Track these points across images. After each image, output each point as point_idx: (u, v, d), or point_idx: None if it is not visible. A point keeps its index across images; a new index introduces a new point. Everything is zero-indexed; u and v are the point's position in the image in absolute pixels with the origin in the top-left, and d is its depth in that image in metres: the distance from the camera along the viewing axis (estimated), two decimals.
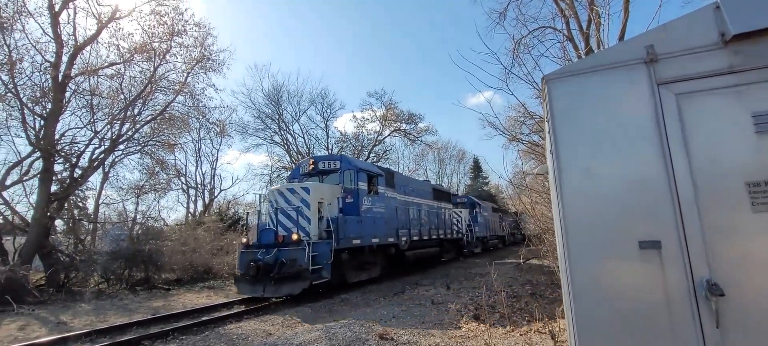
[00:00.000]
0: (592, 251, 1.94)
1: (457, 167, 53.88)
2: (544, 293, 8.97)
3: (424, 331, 5.80)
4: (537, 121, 8.84)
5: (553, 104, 2.08)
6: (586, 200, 2.00)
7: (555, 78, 2.12)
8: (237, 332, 6.29)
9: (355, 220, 10.65)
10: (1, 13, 12.30)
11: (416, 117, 32.16)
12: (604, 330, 1.87)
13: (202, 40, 16.61)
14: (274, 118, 29.09)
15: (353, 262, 10.61)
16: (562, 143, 2.06)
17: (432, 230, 16.08)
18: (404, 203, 14.02)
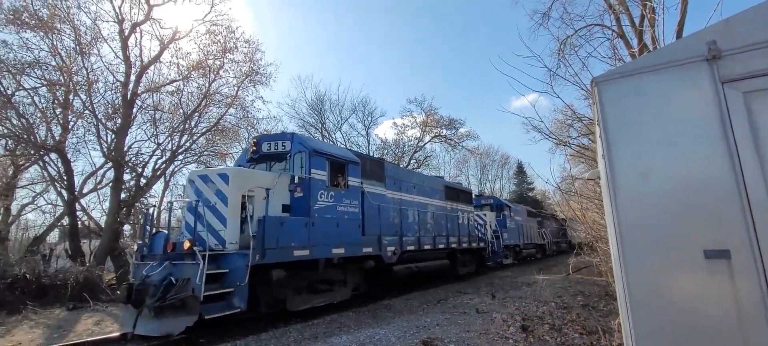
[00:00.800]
0: (650, 260, 1.84)
1: (500, 173, 52.43)
2: (597, 304, 8.48)
3: (469, 340, 5.70)
4: (586, 123, 8.43)
5: (604, 107, 2.02)
6: (643, 206, 1.91)
7: (605, 80, 2.06)
8: (275, 334, 6.53)
9: (301, 222, 7.67)
10: (82, 40, 13.80)
11: (457, 122, 31.82)
12: (665, 345, 1.77)
13: (251, 56, 17.60)
14: (317, 127, 29.99)
15: (299, 282, 7.83)
16: (615, 147, 1.99)
17: (439, 238, 12.94)
18: (397, 201, 11.09)
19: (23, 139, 13.17)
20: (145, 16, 15.40)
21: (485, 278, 15.34)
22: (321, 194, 8.30)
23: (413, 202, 12.14)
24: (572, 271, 13.52)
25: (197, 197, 6.96)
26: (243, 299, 6.29)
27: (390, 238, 10.37)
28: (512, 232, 20.77)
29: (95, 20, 14.65)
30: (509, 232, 20.10)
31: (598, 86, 2.07)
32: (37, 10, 13.21)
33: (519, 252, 21.63)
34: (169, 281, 6.04)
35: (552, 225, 31.09)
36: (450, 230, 13.82)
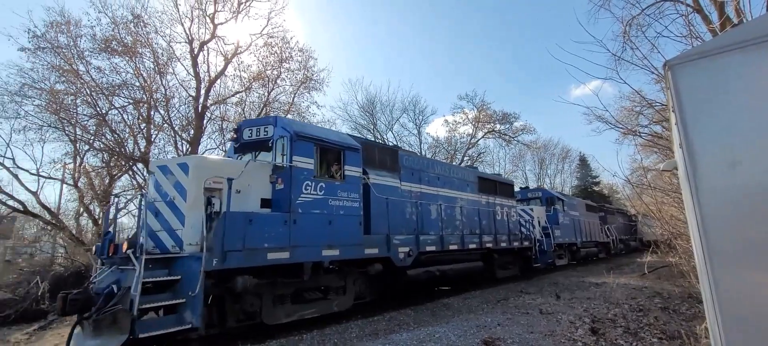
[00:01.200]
0: (741, 261, 1.68)
1: (560, 167, 49.52)
2: (678, 307, 7.75)
3: (533, 341, 5.50)
4: (658, 110, 7.72)
5: (680, 92, 1.87)
6: (731, 201, 1.75)
7: (681, 62, 1.91)
8: (338, 329, 6.77)
9: (277, 219, 6.38)
10: (159, 61, 15.37)
11: (511, 116, 30.66)
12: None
13: (305, 63, 18.41)
14: (369, 128, 30.52)
15: (278, 290, 6.65)
16: (695, 137, 1.84)
17: (470, 236, 11.16)
18: (415, 195, 9.82)
19: (116, 152, 14.97)
20: (211, 34, 16.75)
21: (544, 278, 14.58)
22: (306, 185, 6.89)
23: (437, 195, 10.62)
24: (647, 271, 12.43)
25: (156, 192, 6.10)
26: (195, 312, 5.10)
27: (402, 237, 8.83)
28: (566, 228, 18.15)
29: (170, 42, 16.26)
30: (562, 229, 17.59)
31: (672, 70, 1.93)
32: (123, 37, 14.93)
33: (576, 251, 19.10)
34: (110, 290, 5.14)
35: (618, 221, 28.00)
36: (485, 228, 12.04)
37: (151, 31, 15.64)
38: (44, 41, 13.70)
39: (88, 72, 14.41)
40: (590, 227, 21.56)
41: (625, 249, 27.68)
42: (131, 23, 14.94)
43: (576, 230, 19.30)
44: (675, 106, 1.92)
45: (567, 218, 18.53)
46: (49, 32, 13.84)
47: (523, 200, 17.97)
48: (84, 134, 14.94)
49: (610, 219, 25.65)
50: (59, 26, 13.96)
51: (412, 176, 9.99)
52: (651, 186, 8.61)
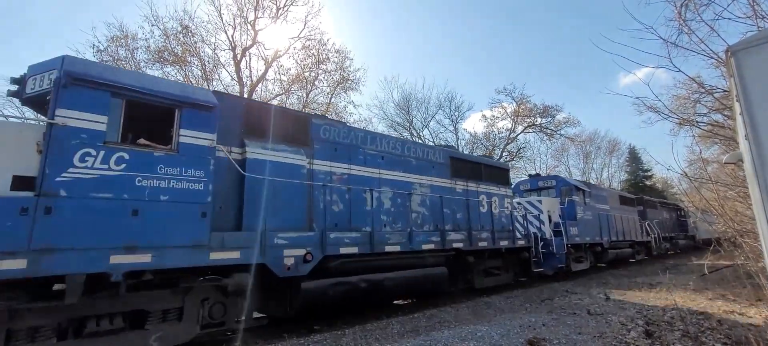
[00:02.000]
0: None
1: (607, 161, 46.93)
2: (745, 311, 7.15)
3: (581, 343, 5.30)
4: (718, 97, 7.14)
5: (745, 80, 1.75)
6: None
7: (745, 47, 1.78)
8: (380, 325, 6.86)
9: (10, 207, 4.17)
10: (206, 68, 16.28)
11: (552, 109, 29.50)
12: None
13: (341, 63, 18.76)
14: (405, 126, 30.53)
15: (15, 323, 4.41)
16: (763, 127, 1.72)
17: (429, 233, 8.70)
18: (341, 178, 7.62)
19: None
20: (253, 40, 17.51)
21: (593, 278, 13.88)
22: (85, 154, 4.52)
23: (378, 179, 8.18)
24: (708, 272, 11.53)
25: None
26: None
27: (292, 235, 6.29)
28: (587, 225, 14.81)
29: (215, 50, 17.17)
30: (582, 225, 14.36)
31: (735, 56, 1.80)
32: (173, 48, 15.96)
33: (602, 253, 15.57)
34: None
35: (663, 216, 24.00)
36: (459, 222, 9.57)
37: (198, 40, 16.61)
38: (107, 55, 14.95)
39: None
40: (624, 224, 18.03)
41: (673, 249, 24.39)
42: (180, 34, 15.93)
43: (602, 227, 15.91)
44: (740, 95, 1.80)
45: (589, 213, 15.19)
46: (110, 46, 15.09)
47: (533, 190, 15.21)
48: None
49: (652, 214, 22.11)
50: (119, 40, 15.18)
51: (335, 152, 7.61)
52: (712, 180, 8.00)
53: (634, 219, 19.48)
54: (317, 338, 6.22)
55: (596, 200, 16.27)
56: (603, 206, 16.75)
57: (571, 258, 13.26)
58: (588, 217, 15.07)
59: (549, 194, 14.74)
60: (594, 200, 15.99)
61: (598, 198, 16.50)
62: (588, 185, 16.66)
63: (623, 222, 17.96)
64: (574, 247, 13.64)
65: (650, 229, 20.71)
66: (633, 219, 19.27)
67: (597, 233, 15.45)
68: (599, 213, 16.02)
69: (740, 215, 6.99)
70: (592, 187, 17.04)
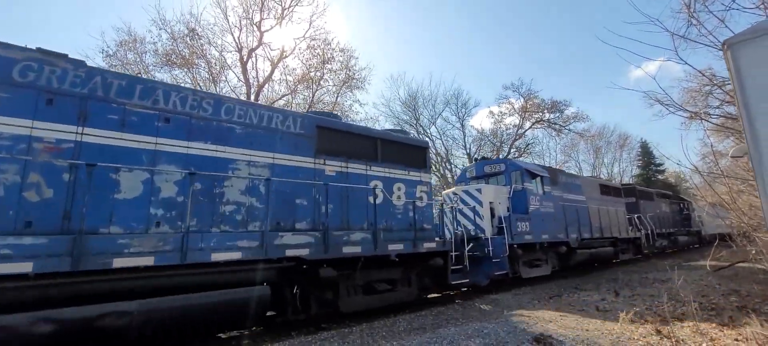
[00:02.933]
0: None
1: (617, 155, 46.29)
2: (759, 306, 7.01)
3: (589, 340, 5.26)
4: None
5: (741, 74, 1.74)
6: None
7: (741, 41, 1.77)
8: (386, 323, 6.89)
9: None
10: (213, 70, 16.46)
11: (560, 104, 29.20)
12: None
13: (346, 63, 18.81)
14: (412, 123, 30.48)
15: None
16: (760, 120, 1.71)
17: (234, 234, 5.79)
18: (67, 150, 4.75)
19: None
20: (258, 41, 17.65)
21: (603, 274, 13.70)
22: None
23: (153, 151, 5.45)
24: (710, 268, 11.32)
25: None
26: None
27: None
28: (546, 219, 11.93)
29: (221, 52, 17.35)
30: (536, 219, 11.49)
31: (731, 49, 1.79)
32: (180, 50, 16.17)
33: (568, 254, 12.64)
34: None
35: (661, 208, 21.20)
36: (321, 218, 6.86)
37: (204, 42, 16.80)
38: (116, 59, 15.21)
39: None
40: (605, 218, 15.14)
41: (672, 247, 21.18)
42: (187, 37, 16.13)
43: (570, 222, 12.94)
44: (737, 89, 1.78)
45: (550, 204, 12.30)
46: (119, 51, 15.35)
47: (480, 178, 12.45)
48: None
49: (647, 206, 19.38)
50: (127, 44, 15.43)
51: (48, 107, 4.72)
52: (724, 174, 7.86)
53: (621, 212, 16.67)
54: (325, 335, 6.28)
55: (565, 188, 13.56)
56: (574, 196, 13.92)
57: (520, 262, 10.78)
58: (547, 209, 12.15)
59: (498, 181, 12.05)
60: (561, 189, 13.31)
61: (567, 187, 13.78)
62: (551, 170, 13.68)
63: (603, 216, 15.10)
64: (525, 247, 10.93)
65: (641, 223, 17.93)
66: (618, 212, 16.43)
67: (561, 229, 12.49)
68: (566, 205, 13.10)
69: (754, 209, 6.87)
70: (560, 174, 14.10)
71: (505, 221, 10.41)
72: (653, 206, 20.43)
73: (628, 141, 46.36)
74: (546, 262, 11.98)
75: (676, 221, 22.88)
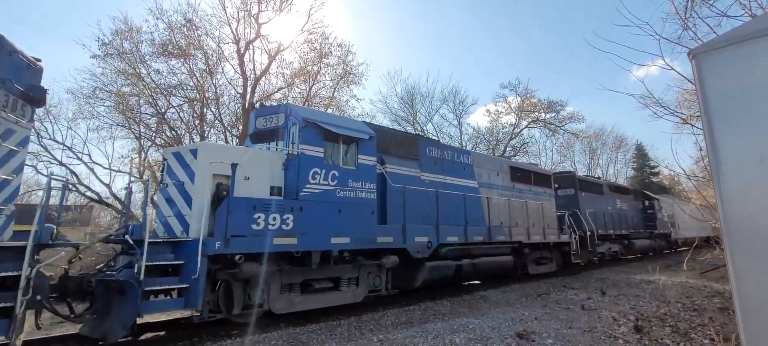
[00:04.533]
0: (765, 257, 1.62)
1: (613, 157, 46.54)
2: None
3: (570, 336, 5.38)
4: None
5: (704, 83, 1.81)
6: (758, 195, 1.68)
7: (706, 50, 1.84)
8: (374, 317, 6.99)
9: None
10: (210, 62, 16.40)
11: (557, 104, 29.31)
12: None
13: (344, 58, 18.77)
14: (409, 120, 30.51)
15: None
16: (719, 129, 1.78)
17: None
18: None
19: None
20: (256, 33, 17.56)
21: (590, 275, 13.85)
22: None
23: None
24: (686, 267, 11.50)
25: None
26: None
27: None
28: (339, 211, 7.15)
29: (219, 43, 17.27)
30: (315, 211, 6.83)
31: (696, 58, 1.85)
32: (177, 41, 16.10)
33: (408, 269, 8.44)
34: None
35: (615, 205, 17.93)
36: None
37: (202, 33, 16.72)
38: (111, 48, 15.13)
39: (149, 74, 15.75)
40: (506, 213, 11.20)
41: (626, 253, 17.93)
42: (184, 27, 16.04)
43: (413, 216, 8.49)
44: (700, 99, 1.86)
45: (367, 186, 7.66)
46: (115, 40, 15.26)
47: (260, 138, 7.72)
48: (147, 131, 16.38)
49: (588, 201, 15.53)
50: (123, 33, 15.34)
51: (434, 165, 9.92)
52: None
53: (547, 207, 12.95)
54: (313, 328, 6.37)
55: (426, 165, 9.40)
56: (442, 177, 9.78)
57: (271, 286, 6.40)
58: (358, 194, 7.49)
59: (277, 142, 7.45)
60: (424, 167, 9.30)
61: (429, 162, 9.52)
62: (394, 136, 9.31)
63: (503, 210, 11.14)
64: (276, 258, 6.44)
65: (578, 223, 13.94)
66: (543, 207, 12.71)
67: (397, 229, 8.05)
68: (410, 188, 8.60)
69: None
70: (423, 144, 9.78)
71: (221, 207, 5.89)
72: (602, 201, 16.78)
73: (624, 143, 46.63)
74: (342, 282, 7.39)
75: (634, 221, 19.29)
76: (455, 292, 9.67)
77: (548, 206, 13.22)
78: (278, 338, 5.74)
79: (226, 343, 5.61)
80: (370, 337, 5.66)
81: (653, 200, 21.72)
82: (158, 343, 6.08)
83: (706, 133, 1.82)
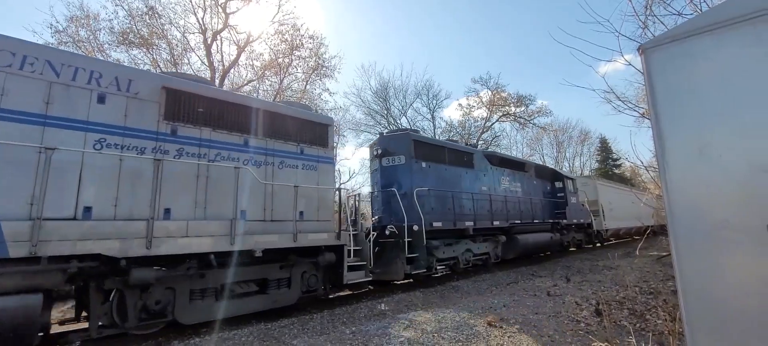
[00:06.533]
0: (703, 239, 1.74)
1: (579, 150, 48.45)
2: None
3: (536, 322, 5.59)
4: None
5: (651, 77, 1.91)
6: (697, 184, 1.80)
7: (654, 46, 1.94)
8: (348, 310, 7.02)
9: None
10: (174, 52, 15.74)
11: (526, 99, 30.10)
12: (723, 328, 1.67)
13: (316, 50, 18.50)
14: (383, 113, 30.53)
15: None
16: (664, 121, 1.89)
17: None
18: None
19: None
20: (224, 23, 16.99)
21: (559, 261, 14.47)
22: None
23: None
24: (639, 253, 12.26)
25: None
26: None
27: None
28: None
29: (184, 33, 16.58)
30: None
31: (645, 53, 1.95)
32: (139, 29, 15.33)
33: None
34: None
35: (494, 182, 12.88)
36: None
37: (165, 22, 16.00)
38: (66, 36, 14.23)
39: None
40: None
41: (506, 252, 12.51)
42: (146, 15, 15.30)
43: None
44: (648, 91, 1.96)
45: None
46: (70, 27, 14.35)
47: None
48: None
49: (435, 175, 10.62)
50: (79, 20, 14.45)
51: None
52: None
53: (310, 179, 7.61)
54: (285, 322, 6.31)
55: None
56: None
57: None
58: None
59: None
60: None
61: None
62: None
63: None
64: None
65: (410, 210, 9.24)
66: None
67: None
68: None
69: None
70: None
71: None
72: (467, 177, 11.62)
73: (588, 137, 48.59)
74: None
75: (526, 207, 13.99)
76: (429, 283, 9.82)
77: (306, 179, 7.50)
78: (249, 334, 5.66)
79: (195, 341, 5.47)
80: (342, 329, 5.67)
81: (566, 179, 16.53)
82: (120, 341, 5.83)
83: (654, 125, 1.92)
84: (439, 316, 6.02)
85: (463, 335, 5.02)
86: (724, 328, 1.69)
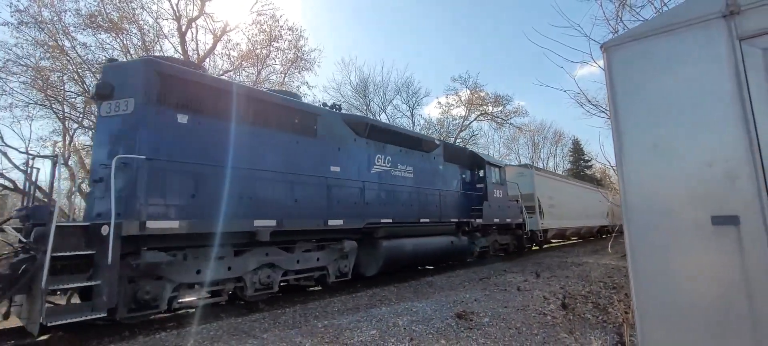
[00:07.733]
0: (654, 231, 1.82)
1: (553, 150, 49.86)
2: None
3: (505, 315, 5.73)
4: None
5: (612, 74, 1.98)
6: (650, 177, 1.88)
7: (615, 45, 2.01)
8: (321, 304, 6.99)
9: None
10: (146, 39, 15.14)
11: (503, 99, 30.69)
12: (671, 317, 1.76)
13: (295, 42, 18.22)
14: (362, 109, 30.42)
15: None
16: (623, 117, 1.96)
17: None
18: None
19: None
20: (200, 11, 16.48)
21: (530, 258, 14.89)
22: None
23: None
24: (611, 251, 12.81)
25: None
26: None
27: None
28: None
29: (157, 19, 15.98)
30: None
31: (607, 52, 2.02)
32: (108, 13, 14.66)
33: None
34: None
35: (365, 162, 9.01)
36: None
37: (137, 7, 15.37)
38: (27, 16, 13.44)
39: (74, 48, 14.20)
40: None
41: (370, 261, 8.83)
42: None
43: None
44: (608, 88, 2.02)
45: None
46: (31, 6, 13.56)
47: None
48: (72, 112, 14.83)
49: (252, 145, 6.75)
50: (42, 1, 13.66)
51: None
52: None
53: None
54: (256, 317, 6.22)
55: None
56: None
57: None
58: None
59: None
60: None
61: None
62: None
63: None
64: None
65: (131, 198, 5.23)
66: None
67: None
68: None
69: None
70: None
71: None
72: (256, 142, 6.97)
73: (562, 138, 50.08)
74: None
75: (407, 202, 10.12)
76: (403, 278, 9.89)
77: None
78: (219, 328, 5.54)
79: (161, 336, 5.32)
80: (315, 323, 5.64)
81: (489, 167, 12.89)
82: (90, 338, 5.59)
83: (613, 121, 1.99)
84: (412, 310, 6.08)
85: (434, 328, 5.09)
86: (673, 316, 1.78)
